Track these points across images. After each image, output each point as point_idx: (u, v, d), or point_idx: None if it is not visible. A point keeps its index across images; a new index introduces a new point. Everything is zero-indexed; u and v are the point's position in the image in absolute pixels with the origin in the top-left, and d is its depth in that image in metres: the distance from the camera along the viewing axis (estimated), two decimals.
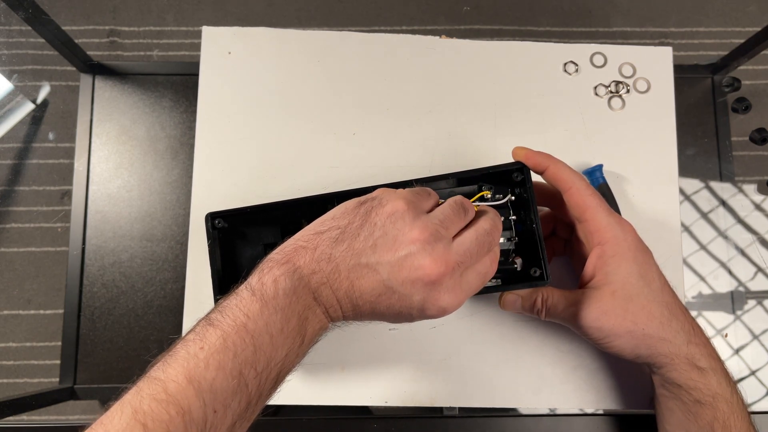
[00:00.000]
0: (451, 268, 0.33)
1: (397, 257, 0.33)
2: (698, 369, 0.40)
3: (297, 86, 0.54)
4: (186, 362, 0.30)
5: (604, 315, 0.40)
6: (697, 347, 0.40)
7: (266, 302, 0.32)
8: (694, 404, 0.40)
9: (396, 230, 0.33)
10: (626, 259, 0.40)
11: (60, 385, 0.63)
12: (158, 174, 0.66)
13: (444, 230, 0.34)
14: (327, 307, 0.34)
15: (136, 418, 0.28)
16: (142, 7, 1.15)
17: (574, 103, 0.54)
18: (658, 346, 0.40)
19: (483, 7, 1.16)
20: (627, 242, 0.41)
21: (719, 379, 0.40)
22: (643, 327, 0.39)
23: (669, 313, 0.40)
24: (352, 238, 0.34)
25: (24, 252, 1.06)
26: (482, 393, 0.49)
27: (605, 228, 0.41)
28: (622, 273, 0.40)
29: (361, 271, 0.33)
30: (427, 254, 0.33)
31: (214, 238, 0.44)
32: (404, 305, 0.34)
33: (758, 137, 0.77)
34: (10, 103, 1.09)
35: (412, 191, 0.37)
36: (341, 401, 0.49)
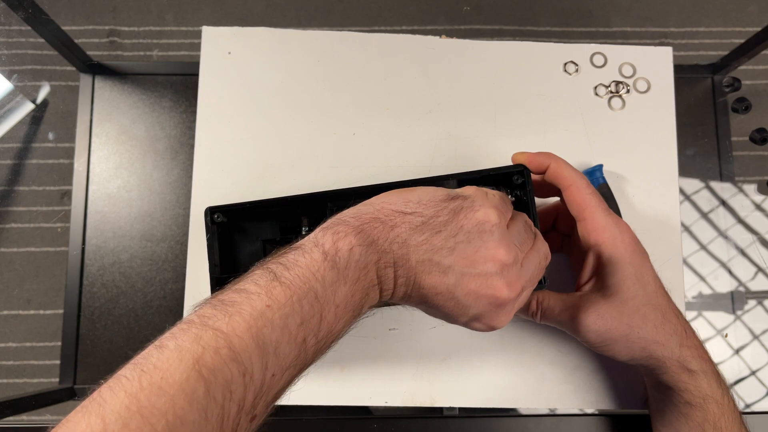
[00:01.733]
0: (517, 293, 0.34)
1: (474, 269, 0.32)
2: (689, 371, 0.40)
3: (297, 86, 0.54)
4: (253, 319, 0.28)
5: (600, 319, 0.40)
6: (688, 350, 0.40)
7: (338, 270, 0.30)
8: (684, 406, 0.41)
9: (481, 242, 0.33)
10: (622, 262, 0.40)
11: (60, 385, 0.63)
12: (158, 174, 0.66)
13: (521, 253, 0.34)
14: (383, 288, 0.33)
15: (197, 369, 0.25)
16: (142, 7, 1.15)
17: (574, 103, 0.54)
18: (652, 348, 0.40)
19: (483, 7, 1.16)
20: (624, 243, 0.41)
21: (709, 381, 0.40)
22: (638, 330, 0.40)
23: (662, 317, 0.40)
24: (434, 233, 0.33)
25: (24, 252, 1.06)
26: (482, 393, 0.49)
27: (603, 228, 0.41)
28: (618, 276, 0.40)
29: (431, 268, 0.33)
30: (503, 277, 0.33)
31: (213, 232, 0.44)
32: (457, 312, 0.34)
33: (758, 137, 0.77)
34: (9, 103, 1.09)
35: (502, 199, 0.36)
36: (341, 401, 0.49)
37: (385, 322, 0.50)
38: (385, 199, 0.35)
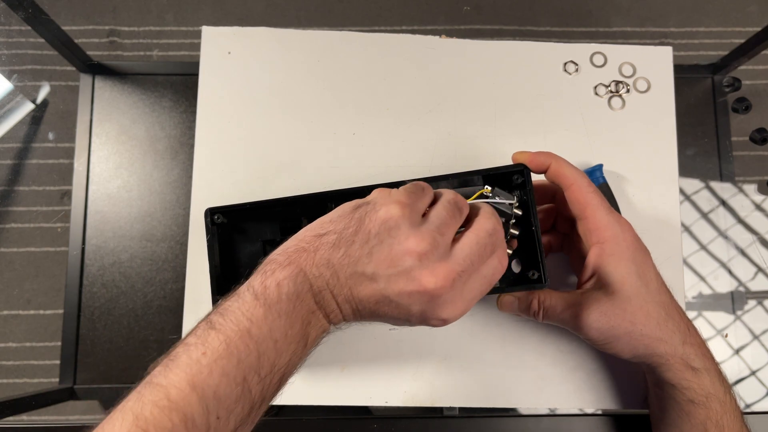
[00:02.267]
0: (451, 280, 0.32)
1: (395, 268, 0.32)
2: (692, 369, 0.40)
3: (297, 86, 0.54)
4: (189, 368, 0.29)
5: (603, 316, 0.40)
6: (691, 347, 0.40)
7: (270, 307, 0.31)
8: (687, 404, 0.41)
9: (391, 239, 0.32)
10: (624, 259, 0.40)
11: (60, 385, 0.63)
12: (158, 174, 0.66)
13: (441, 237, 0.33)
14: (328, 312, 0.34)
15: (137, 424, 0.27)
16: (142, 7, 1.15)
17: (574, 103, 0.54)
18: (655, 346, 0.40)
19: (483, 7, 1.16)
20: (626, 241, 0.41)
21: (712, 379, 0.40)
22: (641, 327, 0.40)
23: (665, 314, 0.40)
24: (348, 245, 0.33)
25: (24, 252, 1.06)
26: (482, 393, 0.49)
27: (605, 226, 0.41)
28: (621, 273, 0.40)
29: (360, 280, 0.33)
30: (424, 268, 0.32)
31: (213, 233, 0.44)
32: (403, 314, 0.33)
33: (758, 137, 0.77)
34: (9, 103, 1.09)
35: (406, 191, 0.35)
36: (341, 401, 0.49)
37: None
38: (307, 227, 0.35)
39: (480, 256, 0.34)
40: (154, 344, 0.65)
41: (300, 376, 0.49)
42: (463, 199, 0.37)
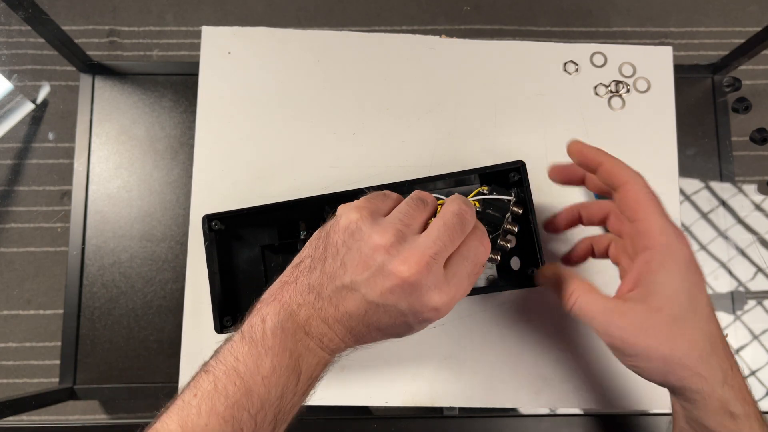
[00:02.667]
0: (425, 264, 0.31)
1: (369, 270, 0.32)
2: (731, 414, 0.35)
3: (297, 86, 0.54)
4: (180, 410, 0.30)
5: (643, 332, 0.35)
6: (732, 390, 0.35)
7: (255, 343, 0.32)
8: None
9: (357, 242, 0.33)
10: (677, 274, 0.35)
11: (60, 385, 0.63)
12: (158, 174, 0.66)
13: (405, 227, 0.33)
14: (321, 338, 0.34)
15: None
16: (142, 7, 1.15)
17: (574, 103, 0.54)
18: (692, 380, 0.35)
19: (483, 7, 1.16)
20: (681, 253, 0.35)
21: (753, 425, 0.35)
22: (681, 356, 0.34)
23: (711, 347, 0.35)
24: (322, 263, 0.33)
25: (24, 252, 1.06)
26: (482, 393, 0.49)
27: (658, 231, 0.36)
28: (671, 288, 0.35)
29: (342, 293, 0.33)
30: (393, 258, 0.31)
31: (211, 240, 0.44)
32: (395, 317, 0.33)
33: (758, 137, 0.77)
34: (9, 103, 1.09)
35: (366, 197, 0.36)
36: (341, 401, 0.49)
37: None
38: (288, 266, 0.36)
39: (451, 237, 0.33)
40: (154, 344, 0.65)
41: None
42: (428, 194, 0.37)
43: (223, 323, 0.44)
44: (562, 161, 0.42)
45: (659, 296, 0.35)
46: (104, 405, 0.95)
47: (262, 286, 0.46)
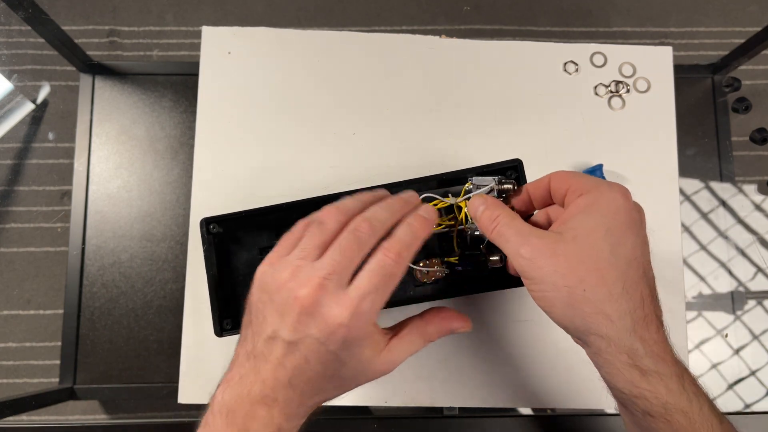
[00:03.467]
0: (318, 285, 0.32)
1: (279, 312, 0.33)
2: (640, 370, 0.32)
3: (297, 86, 0.54)
4: None
5: (553, 256, 0.33)
6: (642, 342, 0.32)
7: (207, 427, 0.33)
8: (644, 416, 0.33)
9: (269, 293, 0.34)
10: (600, 213, 0.34)
11: (60, 385, 0.63)
12: (158, 174, 0.66)
13: (303, 259, 0.33)
14: (267, 403, 0.33)
15: None
16: (142, 7, 1.15)
17: (574, 103, 0.54)
18: (596, 319, 0.32)
19: (483, 7, 1.16)
20: (609, 198, 0.34)
21: (669, 385, 0.32)
22: (587, 288, 0.32)
23: (622, 289, 0.33)
24: (251, 327, 0.35)
25: (24, 252, 1.06)
26: (482, 393, 0.49)
27: (587, 182, 0.35)
28: (591, 223, 0.33)
29: (269, 346, 0.33)
30: (295, 285, 0.32)
31: (209, 243, 0.44)
32: (317, 351, 0.32)
33: (758, 137, 0.77)
34: (10, 103, 1.09)
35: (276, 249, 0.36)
36: (341, 401, 0.49)
37: (385, 323, 0.50)
38: None
39: (345, 255, 0.33)
40: (154, 344, 0.64)
41: None
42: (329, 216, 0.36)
43: (223, 326, 0.44)
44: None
45: (576, 230, 0.33)
46: (104, 405, 0.95)
47: None
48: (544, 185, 0.38)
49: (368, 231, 0.34)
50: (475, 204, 0.38)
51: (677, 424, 0.32)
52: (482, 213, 0.37)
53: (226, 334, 0.43)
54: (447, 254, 0.45)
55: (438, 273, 0.44)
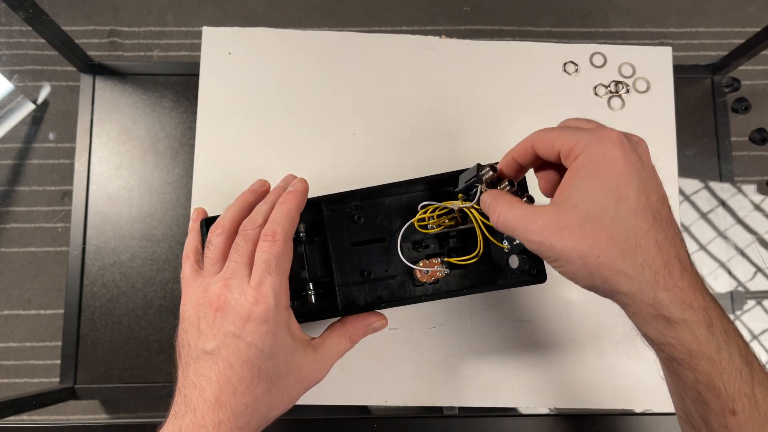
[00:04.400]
0: (222, 286, 0.37)
1: (199, 326, 0.37)
2: (666, 320, 0.32)
3: (297, 86, 0.54)
4: None
5: (557, 232, 0.32)
6: (667, 292, 0.32)
7: None
8: (671, 362, 0.33)
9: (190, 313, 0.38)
10: (596, 172, 0.33)
11: (60, 385, 0.63)
12: (158, 174, 0.66)
13: (209, 278, 0.38)
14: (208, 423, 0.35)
15: None
16: (143, 7, 1.16)
17: (573, 103, 0.54)
18: (616, 279, 0.32)
19: (483, 7, 1.16)
20: (601, 153, 0.33)
21: (696, 332, 0.31)
22: (598, 253, 0.32)
23: (634, 243, 0.32)
24: (179, 367, 0.38)
25: (24, 252, 1.06)
26: (482, 393, 0.49)
27: (575, 142, 0.34)
28: (587, 186, 0.33)
29: (195, 368, 0.36)
30: (207, 297, 0.37)
31: None
32: (234, 349, 0.35)
33: (758, 137, 0.77)
34: (10, 104, 1.09)
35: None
36: (341, 401, 0.49)
37: None
38: None
39: (242, 255, 0.38)
40: (154, 344, 0.65)
41: None
42: (214, 228, 0.41)
43: None
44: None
45: (573, 197, 0.33)
46: (105, 405, 0.95)
47: None
48: (529, 150, 0.38)
49: (251, 227, 0.39)
50: (483, 200, 0.39)
51: (702, 372, 0.32)
52: (488, 208, 0.38)
53: None
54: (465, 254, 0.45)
55: (438, 273, 0.45)
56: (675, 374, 0.33)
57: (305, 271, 0.46)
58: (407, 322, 0.50)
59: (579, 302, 0.50)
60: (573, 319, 0.50)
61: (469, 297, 0.50)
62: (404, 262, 0.44)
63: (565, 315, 0.50)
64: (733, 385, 0.31)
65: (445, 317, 0.50)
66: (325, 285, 0.47)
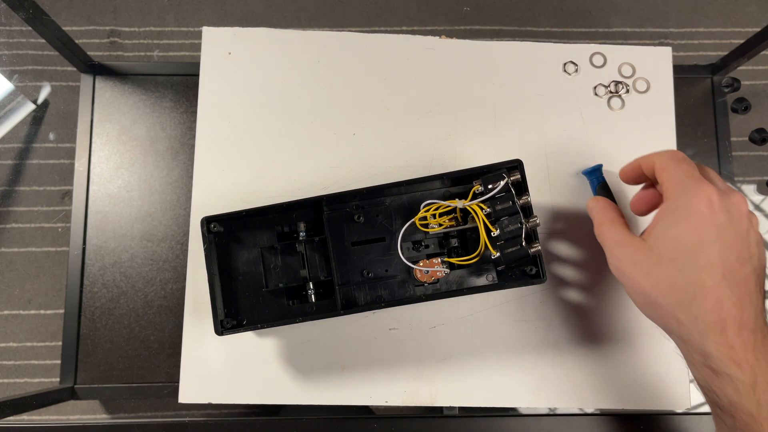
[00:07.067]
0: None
1: None
2: (711, 370, 0.35)
3: (297, 86, 0.54)
4: None
5: (632, 265, 0.37)
6: (716, 346, 0.34)
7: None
8: (714, 406, 0.36)
9: None
10: (675, 221, 0.36)
11: (60, 385, 0.63)
12: (159, 174, 0.66)
13: None
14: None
15: None
16: (143, 7, 1.16)
17: (573, 103, 0.54)
18: (669, 322, 0.36)
19: (483, 8, 1.16)
20: (687, 206, 0.36)
21: (739, 388, 0.34)
22: (659, 295, 0.36)
23: (693, 294, 0.35)
24: None
25: (24, 252, 1.06)
26: (482, 393, 0.49)
27: (670, 185, 0.37)
28: (667, 234, 0.36)
29: None
30: None
31: (210, 242, 0.44)
32: None
33: (758, 137, 0.77)
34: (10, 104, 1.09)
35: None
36: (341, 401, 0.49)
37: (385, 322, 0.50)
38: None
39: None
40: (155, 344, 0.65)
41: (300, 376, 0.49)
42: None
43: (223, 325, 0.44)
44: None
45: (655, 239, 0.37)
46: (105, 405, 0.95)
47: (261, 287, 0.46)
48: (637, 169, 0.42)
49: None
50: (590, 206, 0.44)
51: (741, 422, 0.34)
52: (593, 216, 0.43)
53: (227, 333, 0.43)
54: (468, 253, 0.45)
55: (438, 273, 0.45)
56: (718, 417, 0.36)
57: (305, 270, 0.46)
58: (407, 322, 0.50)
59: (579, 302, 0.50)
60: (573, 320, 0.50)
61: (469, 297, 0.50)
62: (404, 261, 0.44)
63: (565, 315, 0.50)
64: None
65: (445, 317, 0.50)
66: (325, 284, 0.47)
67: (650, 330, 0.50)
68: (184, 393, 0.50)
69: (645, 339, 0.50)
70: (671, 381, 0.49)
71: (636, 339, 0.50)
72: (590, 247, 0.51)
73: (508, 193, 0.42)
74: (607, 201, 0.44)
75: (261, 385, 0.49)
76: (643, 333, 0.50)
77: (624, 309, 0.50)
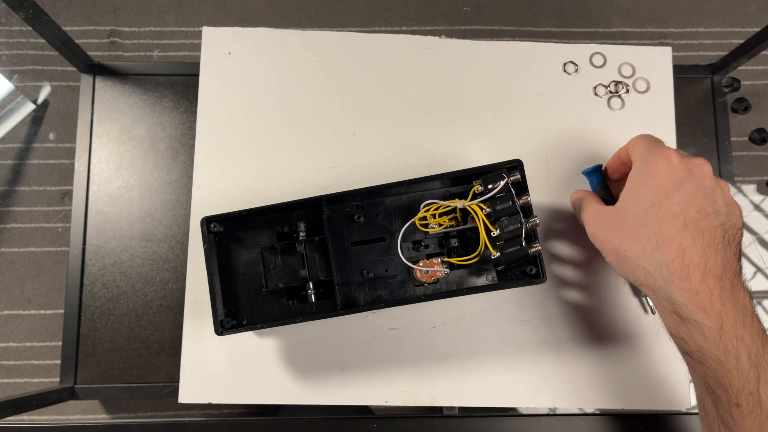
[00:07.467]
0: None
1: None
2: (679, 316, 0.36)
3: (297, 86, 0.54)
4: None
5: (603, 228, 0.41)
6: (681, 292, 0.36)
7: None
8: (685, 355, 0.38)
9: None
10: (640, 183, 0.40)
11: (60, 385, 0.63)
12: (158, 174, 0.66)
13: None
14: None
15: None
16: (143, 7, 1.16)
17: (573, 103, 0.54)
18: (637, 273, 0.38)
19: (483, 8, 1.16)
20: (645, 168, 0.40)
21: (705, 334, 0.35)
22: (626, 248, 0.39)
23: (655, 242, 0.37)
24: None
25: (24, 252, 1.06)
26: (482, 393, 0.49)
27: (637, 157, 0.41)
28: (628, 195, 0.40)
29: None
30: None
31: (210, 242, 0.44)
32: None
33: (758, 137, 0.77)
34: (10, 104, 1.09)
35: None
36: (341, 401, 0.49)
37: (385, 322, 0.50)
38: None
39: None
40: (155, 344, 0.65)
41: (300, 377, 0.49)
42: None
43: (223, 325, 0.44)
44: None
45: (623, 202, 0.41)
46: (105, 405, 0.95)
47: (261, 287, 0.46)
48: (618, 159, 0.46)
49: None
50: (571, 200, 0.48)
51: (711, 369, 0.35)
52: (575, 203, 0.47)
53: (227, 333, 0.43)
54: (467, 253, 0.45)
55: (438, 273, 0.45)
56: (689, 365, 0.38)
57: (305, 270, 0.46)
58: (407, 322, 0.50)
59: (579, 302, 0.50)
60: (573, 320, 0.50)
61: (469, 297, 0.50)
62: (404, 261, 0.44)
63: (565, 315, 0.50)
64: (737, 384, 0.34)
65: (445, 317, 0.50)
66: (325, 284, 0.47)
67: (650, 330, 0.50)
68: (184, 393, 0.50)
69: (645, 339, 0.50)
70: (671, 381, 0.49)
71: (636, 339, 0.50)
72: (590, 247, 0.51)
73: (508, 193, 0.42)
74: (584, 190, 0.47)
75: (261, 385, 0.49)
76: (643, 333, 0.50)
77: (624, 309, 0.50)
